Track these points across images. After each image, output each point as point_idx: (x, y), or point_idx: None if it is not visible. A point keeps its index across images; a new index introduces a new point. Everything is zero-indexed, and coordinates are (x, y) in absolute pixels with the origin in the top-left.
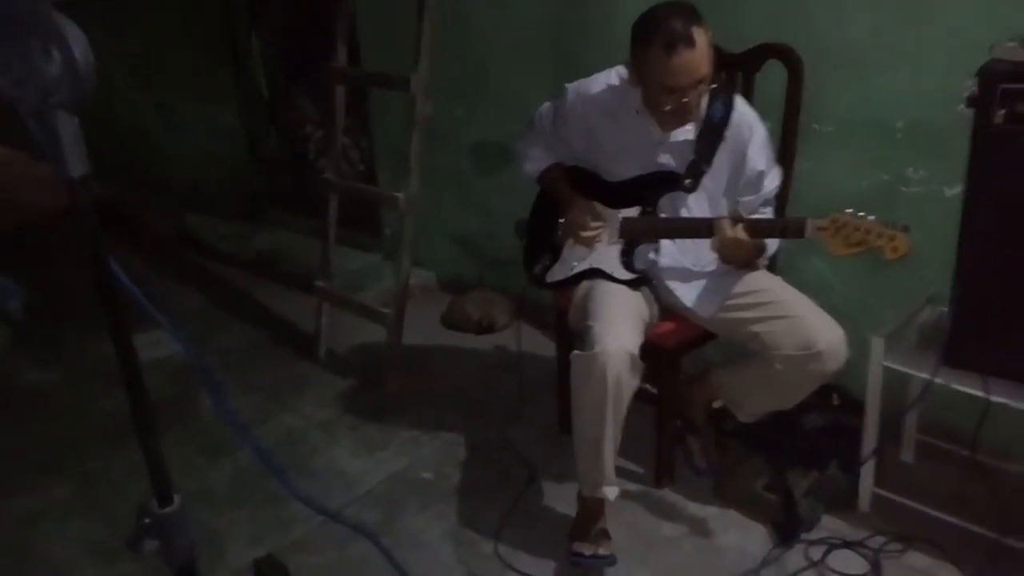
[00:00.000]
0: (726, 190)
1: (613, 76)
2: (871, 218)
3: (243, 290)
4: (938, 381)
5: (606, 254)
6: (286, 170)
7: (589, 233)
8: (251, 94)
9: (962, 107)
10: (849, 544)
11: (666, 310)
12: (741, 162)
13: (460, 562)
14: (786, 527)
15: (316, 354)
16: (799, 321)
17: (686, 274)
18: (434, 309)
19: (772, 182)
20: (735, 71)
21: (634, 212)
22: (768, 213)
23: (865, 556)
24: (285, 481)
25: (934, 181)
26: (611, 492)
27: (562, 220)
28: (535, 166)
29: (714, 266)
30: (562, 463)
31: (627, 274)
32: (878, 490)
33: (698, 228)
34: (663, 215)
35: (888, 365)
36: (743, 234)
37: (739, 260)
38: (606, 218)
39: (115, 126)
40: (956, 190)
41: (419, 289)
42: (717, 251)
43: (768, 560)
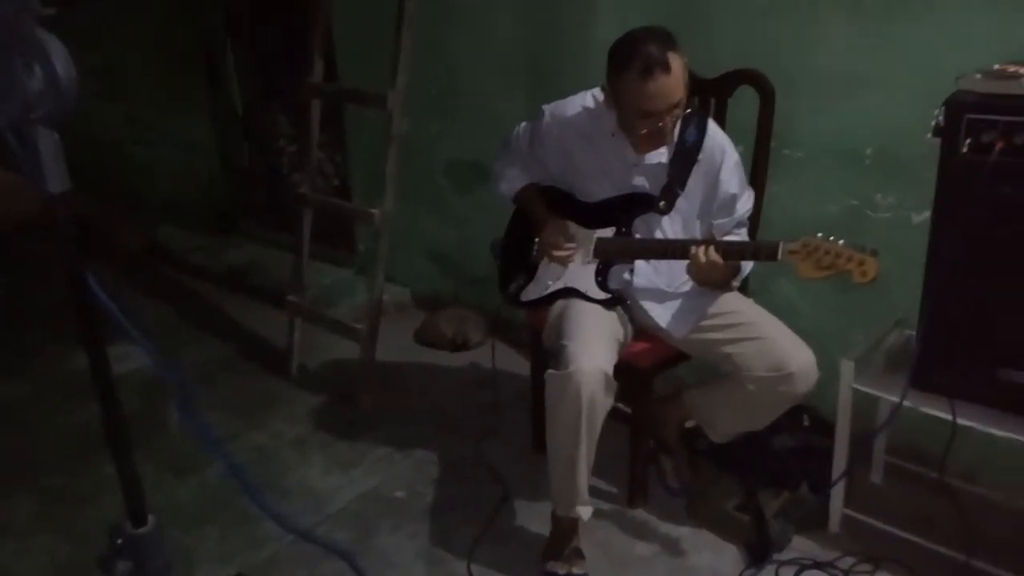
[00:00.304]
0: (700, 212)
1: (589, 98)
2: (841, 242)
3: (214, 304)
4: (907, 404)
5: (581, 274)
6: (259, 184)
7: (563, 252)
8: (225, 108)
9: (929, 136)
10: (820, 565)
11: (640, 330)
12: (714, 185)
13: None
14: (758, 548)
15: (288, 370)
16: (770, 343)
17: (660, 295)
18: (408, 326)
19: (745, 204)
20: (708, 96)
21: (609, 233)
22: (742, 235)
23: None
24: (258, 499)
25: (902, 207)
26: (585, 511)
27: (537, 239)
28: (511, 186)
29: (688, 287)
30: (536, 482)
31: (602, 294)
32: (848, 511)
33: (673, 250)
34: (638, 236)
35: (857, 387)
36: (717, 256)
37: (713, 282)
38: (581, 238)
39: (86, 137)
40: (924, 216)
41: (393, 305)
42: (692, 273)
43: None
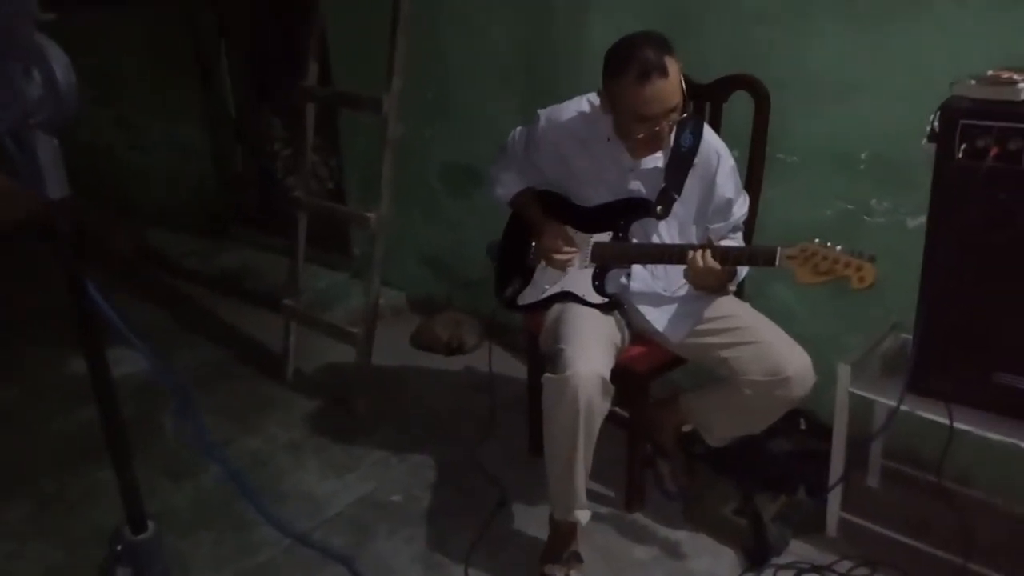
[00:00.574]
0: (696, 217)
1: (584, 103)
2: (838, 248)
3: (208, 308)
4: (903, 408)
5: (578, 278)
6: (252, 188)
7: (562, 257)
8: (218, 111)
9: (924, 142)
10: (817, 568)
11: (637, 334)
12: (710, 189)
13: None
14: (755, 552)
15: (283, 374)
16: (767, 347)
17: (657, 299)
18: (403, 329)
19: (740, 209)
20: (703, 101)
21: (606, 237)
22: (738, 239)
23: None
24: (256, 503)
25: (897, 212)
26: (583, 515)
27: (534, 243)
28: (507, 190)
29: (685, 291)
30: (533, 486)
31: (599, 298)
32: (845, 515)
33: (670, 255)
34: (635, 241)
35: (854, 391)
36: (714, 261)
37: (710, 286)
38: (578, 243)
39: (76, 140)
40: (919, 221)
41: (388, 309)
42: (688, 277)
43: None
